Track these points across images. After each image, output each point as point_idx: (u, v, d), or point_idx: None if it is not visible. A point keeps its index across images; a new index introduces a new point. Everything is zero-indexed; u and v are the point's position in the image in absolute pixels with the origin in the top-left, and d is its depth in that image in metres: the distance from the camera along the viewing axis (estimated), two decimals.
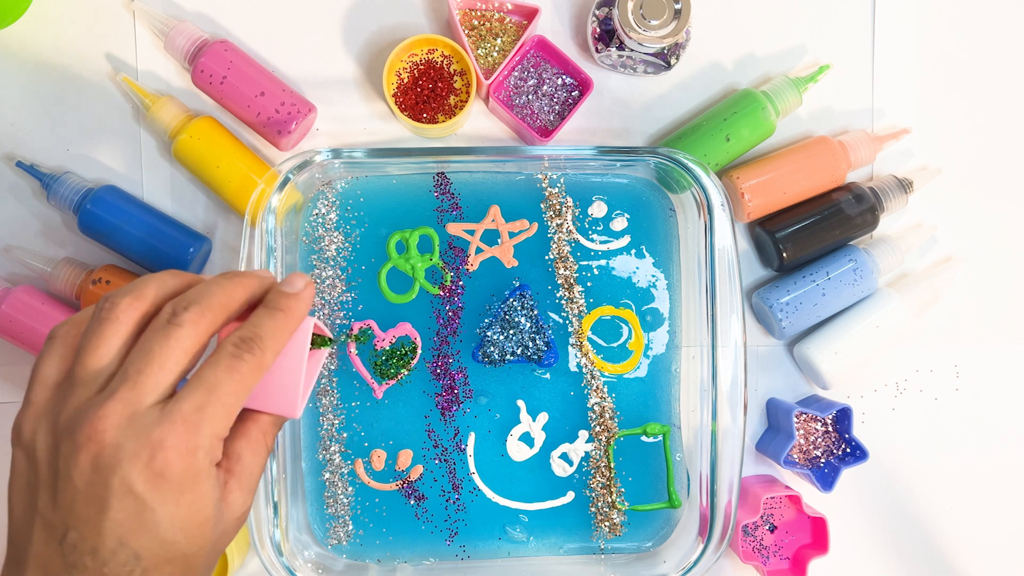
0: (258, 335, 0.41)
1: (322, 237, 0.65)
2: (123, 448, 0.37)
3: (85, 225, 0.64)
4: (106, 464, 0.37)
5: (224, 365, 0.40)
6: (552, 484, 0.66)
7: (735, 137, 0.66)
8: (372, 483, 0.65)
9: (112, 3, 0.67)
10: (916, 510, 0.71)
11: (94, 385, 0.39)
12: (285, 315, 0.42)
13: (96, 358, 0.39)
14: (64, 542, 0.38)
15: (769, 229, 0.67)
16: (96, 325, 0.40)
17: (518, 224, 0.66)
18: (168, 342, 0.39)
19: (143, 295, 0.41)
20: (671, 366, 0.67)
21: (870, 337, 0.67)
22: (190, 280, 0.43)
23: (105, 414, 0.37)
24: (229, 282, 0.42)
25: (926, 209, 0.70)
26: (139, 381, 0.38)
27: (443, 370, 0.65)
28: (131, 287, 0.41)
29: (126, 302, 0.40)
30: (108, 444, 0.37)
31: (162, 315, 0.40)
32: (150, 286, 0.41)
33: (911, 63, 0.71)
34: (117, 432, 0.37)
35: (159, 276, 0.42)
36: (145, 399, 0.38)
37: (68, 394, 0.39)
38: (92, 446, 0.37)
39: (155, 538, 0.38)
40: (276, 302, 0.42)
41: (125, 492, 0.37)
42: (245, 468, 0.42)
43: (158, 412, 0.38)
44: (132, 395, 0.38)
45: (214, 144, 0.64)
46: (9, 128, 0.67)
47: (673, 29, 0.62)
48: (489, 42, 0.66)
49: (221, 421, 0.39)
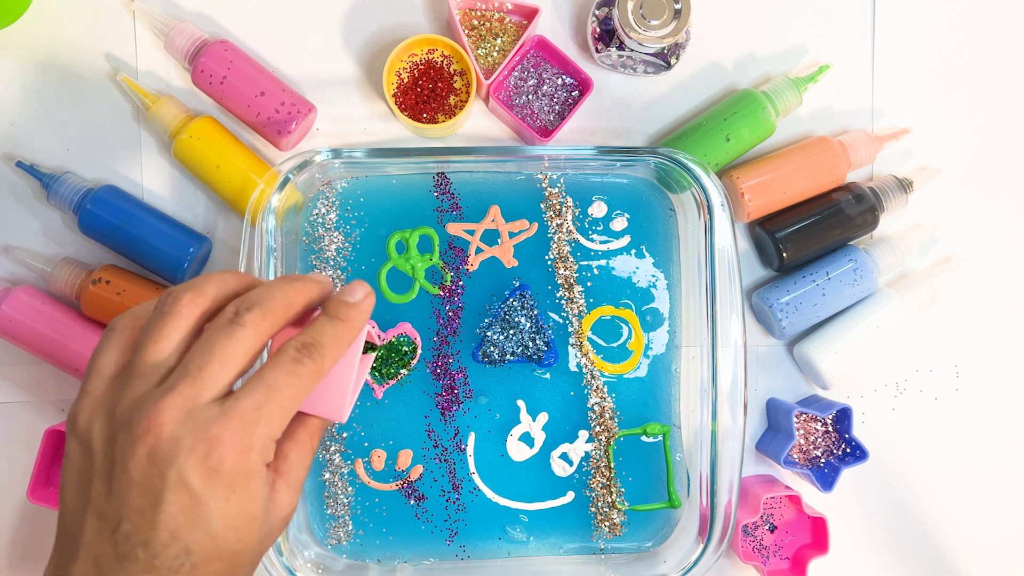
0: (319, 342, 0.41)
1: (322, 237, 0.65)
2: (180, 442, 0.38)
3: (85, 225, 0.64)
4: (163, 457, 0.38)
5: (285, 369, 0.40)
6: (552, 484, 0.66)
7: (735, 137, 0.66)
8: (372, 483, 0.65)
9: (112, 3, 0.67)
10: (916, 510, 0.71)
11: (153, 378, 0.39)
12: (346, 325, 0.43)
13: (156, 351, 0.40)
14: (117, 532, 0.38)
15: (769, 229, 0.67)
16: (157, 319, 0.40)
17: (518, 224, 0.66)
18: (230, 341, 0.40)
19: (204, 292, 0.41)
20: (671, 366, 0.67)
21: (870, 337, 0.67)
22: (250, 281, 0.43)
23: (164, 407, 0.38)
24: (291, 286, 0.42)
25: (926, 209, 0.70)
26: (199, 377, 0.39)
27: (443, 370, 0.65)
28: (193, 283, 0.42)
29: (188, 298, 0.41)
30: (166, 437, 0.38)
31: (225, 314, 0.41)
32: (211, 284, 0.42)
33: (911, 63, 0.71)
34: (175, 426, 0.38)
35: (220, 275, 0.43)
36: (204, 395, 0.39)
37: (126, 386, 0.40)
38: (150, 438, 0.38)
39: (206, 533, 0.38)
40: (337, 311, 0.43)
41: (180, 486, 0.38)
42: (292, 469, 0.42)
43: (216, 409, 0.39)
44: (192, 390, 0.38)
45: (214, 144, 0.64)
46: (9, 128, 0.67)
47: (673, 29, 0.62)
48: (489, 42, 0.66)
49: (277, 422, 0.40)
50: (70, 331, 0.63)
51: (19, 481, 0.67)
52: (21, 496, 0.67)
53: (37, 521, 0.67)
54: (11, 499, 0.67)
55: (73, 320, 0.64)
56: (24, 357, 0.67)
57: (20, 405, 0.67)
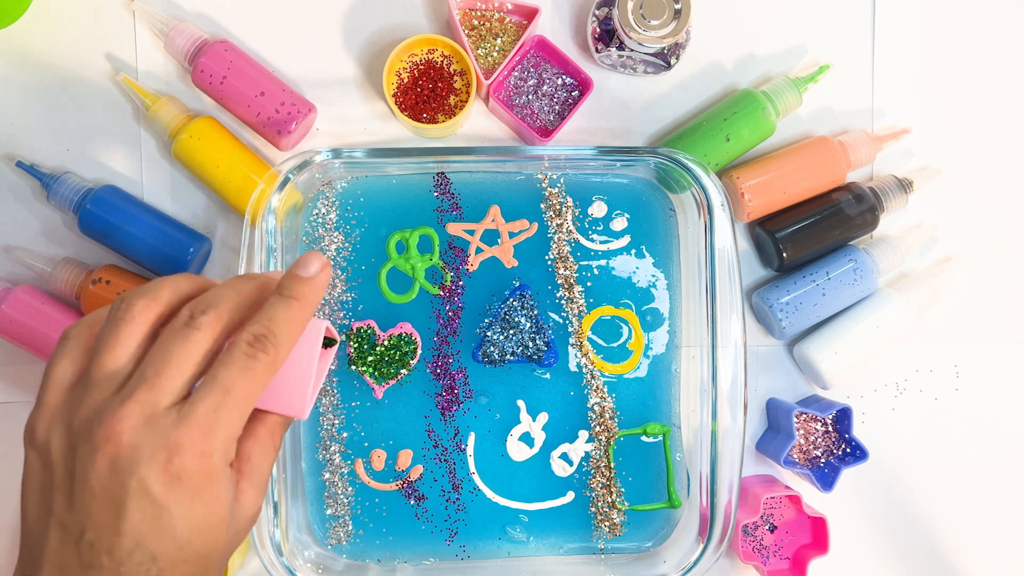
0: (271, 330, 0.40)
1: (322, 237, 0.65)
2: (140, 450, 0.37)
3: (85, 225, 0.64)
4: (123, 466, 0.37)
5: (238, 365, 0.39)
6: (552, 484, 0.66)
7: (735, 137, 0.66)
8: (372, 483, 0.65)
9: (112, 3, 0.67)
10: (916, 510, 0.71)
11: (110, 386, 0.39)
12: (299, 303, 0.41)
13: (112, 359, 0.40)
14: (81, 542, 0.38)
15: (769, 229, 0.67)
16: (112, 326, 0.40)
17: (518, 224, 0.66)
18: (186, 345, 0.39)
19: (158, 297, 0.41)
20: (671, 366, 0.67)
21: (870, 337, 0.67)
22: (203, 284, 0.43)
23: (123, 416, 0.38)
24: (244, 285, 0.42)
25: (926, 209, 0.70)
26: (157, 383, 0.38)
27: (443, 370, 0.65)
28: (146, 289, 0.41)
29: (142, 303, 0.40)
30: (125, 446, 0.37)
31: (180, 317, 0.40)
32: (165, 288, 0.41)
33: (911, 63, 0.71)
34: (135, 434, 0.37)
35: (173, 279, 0.42)
36: (162, 401, 0.38)
37: (83, 395, 0.39)
38: (109, 448, 0.37)
39: (171, 539, 0.38)
40: (290, 288, 0.42)
41: (142, 494, 0.37)
42: (255, 468, 0.42)
43: (175, 414, 0.38)
44: (150, 397, 0.38)
45: (214, 144, 0.64)
46: (9, 128, 0.67)
47: (673, 29, 0.62)
48: (489, 42, 0.66)
49: (236, 422, 0.39)
50: None
51: (19, 481, 0.66)
52: None
53: None
54: (11, 499, 0.67)
55: (73, 320, 0.64)
56: (24, 357, 0.67)
57: (20, 405, 0.67)
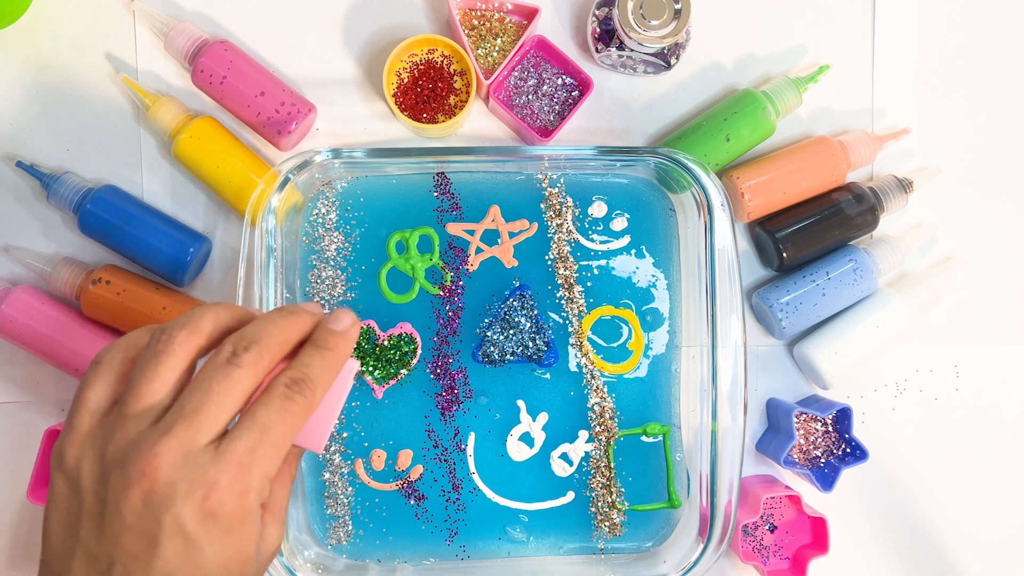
0: (308, 376, 0.41)
1: (322, 237, 0.65)
2: (177, 487, 0.37)
3: (85, 225, 0.64)
4: (159, 501, 0.37)
5: (276, 406, 0.40)
6: (552, 484, 0.66)
7: (735, 137, 0.66)
8: (372, 483, 0.65)
9: (112, 3, 0.67)
10: (916, 510, 0.71)
11: (147, 418, 0.39)
12: (333, 354, 0.42)
13: (150, 391, 0.39)
14: (109, 574, 0.38)
15: (769, 229, 0.67)
16: (152, 357, 0.40)
17: (518, 224, 0.66)
18: (227, 383, 0.39)
19: (199, 329, 0.41)
20: (671, 366, 0.67)
21: (870, 337, 0.67)
22: (244, 315, 0.43)
23: (161, 451, 0.37)
24: (286, 321, 0.42)
25: (926, 209, 0.70)
26: (195, 420, 0.38)
27: (443, 370, 0.65)
28: (187, 320, 0.41)
29: (183, 335, 0.40)
30: (162, 481, 0.37)
31: (222, 352, 0.40)
32: (206, 320, 0.41)
33: (911, 63, 0.71)
34: (172, 470, 0.37)
35: (214, 309, 0.42)
36: (201, 438, 0.38)
37: (118, 425, 0.39)
38: (145, 482, 0.37)
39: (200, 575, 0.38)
40: (325, 340, 0.42)
41: (176, 530, 0.37)
42: (277, 501, 0.42)
43: (212, 451, 0.38)
44: (188, 433, 0.38)
45: (214, 144, 0.64)
46: (9, 128, 0.67)
47: (673, 29, 0.62)
48: (489, 42, 0.66)
49: (272, 462, 0.39)
50: (70, 331, 0.63)
51: (19, 481, 0.67)
52: (21, 496, 0.67)
53: (37, 521, 0.67)
54: (11, 499, 0.67)
55: (73, 320, 0.64)
56: (24, 357, 0.67)
57: (20, 405, 0.67)
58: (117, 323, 0.64)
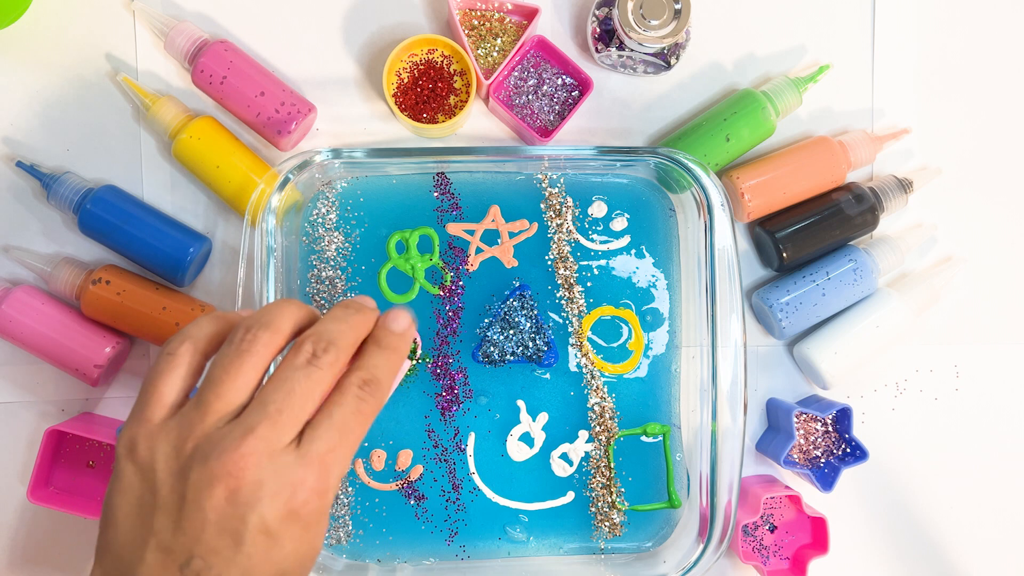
0: (376, 377, 0.42)
1: (322, 237, 0.65)
2: (264, 486, 0.38)
3: (85, 225, 0.64)
4: (244, 500, 0.38)
5: (352, 408, 0.41)
6: (552, 484, 0.66)
7: (735, 137, 0.66)
8: (372, 483, 0.65)
9: (112, 3, 0.67)
10: (916, 510, 0.71)
11: (227, 416, 0.40)
12: (396, 355, 0.44)
13: (233, 389, 0.40)
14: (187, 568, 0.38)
15: (769, 229, 0.67)
16: (235, 356, 0.40)
17: (518, 224, 0.66)
18: (308, 383, 0.40)
19: (280, 330, 0.42)
20: (671, 366, 0.67)
21: (870, 337, 0.67)
22: (313, 313, 0.44)
23: (246, 451, 0.38)
24: (356, 319, 0.43)
25: (926, 209, 0.70)
26: (279, 420, 0.39)
27: (443, 370, 0.65)
28: (268, 320, 0.42)
29: (267, 337, 0.41)
30: (249, 480, 0.38)
31: (302, 353, 0.41)
32: (286, 320, 0.42)
33: (911, 63, 0.71)
34: (258, 470, 0.38)
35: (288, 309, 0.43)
36: (284, 438, 0.39)
37: (196, 420, 0.39)
38: (231, 481, 0.38)
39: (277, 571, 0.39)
40: (388, 341, 0.44)
41: (260, 529, 0.38)
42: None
43: (294, 452, 0.39)
44: (272, 433, 0.39)
45: (214, 144, 0.64)
46: (9, 128, 0.67)
47: (673, 29, 0.62)
48: (489, 42, 0.66)
49: (347, 462, 0.41)
50: (70, 331, 0.63)
51: (19, 481, 0.67)
52: (21, 496, 0.67)
53: (37, 521, 0.67)
54: (11, 499, 0.67)
55: (73, 320, 0.64)
56: (24, 357, 0.67)
57: (20, 405, 0.67)
58: (117, 323, 0.64)
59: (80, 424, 0.64)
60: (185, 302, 0.64)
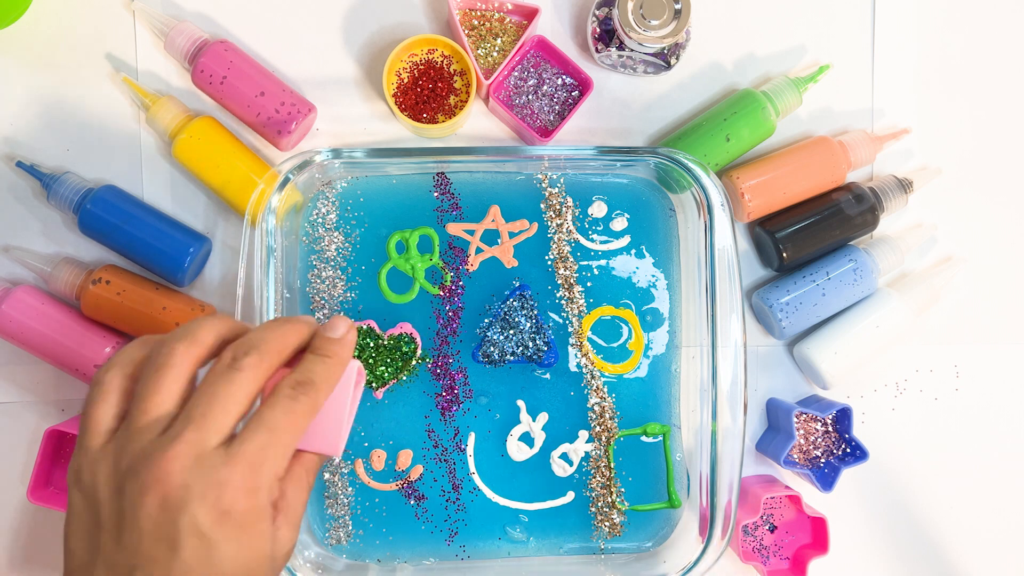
0: (310, 379, 0.43)
1: (322, 237, 0.65)
2: (191, 488, 0.38)
3: (85, 225, 0.64)
4: (174, 504, 0.38)
5: (282, 408, 0.41)
6: (552, 484, 0.66)
7: (735, 137, 0.66)
8: (372, 483, 0.65)
9: (112, 3, 0.67)
10: (916, 510, 0.71)
11: (156, 429, 0.40)
12: (333, 360, 0.44)
13: (156, 404, 0.41)
14: None
15: (769, 229, 0.67)
16: (154, 372, 0.41)
17: (518, 224, 0.66)
18: (231, 387, 0.41)
19: (199, 340, 0.42)
20: (671, 366, 0.67)
21: (870, 337, 0.67)
22: (240, 327, 0.45)
23: (173, 456, 0.38)
24: (282, 328, 0.44)
25: (926, 209, 0.70)
26: (204, 424, 0.39)
27: (443, 370, 0.65)
28: (184, 332, 0.42)
29: (183, 347, 0.42)
30: (176, 485, 0.38)
31: (223, 359, 0.42)
32: (204, 331, 0.43)
33: (911, 63, 0.71)
34: (185, 473, 0.38)
35: (211, 321, 0.43)
36: (210, 440, 0.39)
37: (129, 439, 0.40)
38: (160, 487, 0.38)
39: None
40: (323, 348, 0.44)
41: (192, 532, 0.38)
42: (290, 505, 0.43)
43: (223, 453, 0.39)
44: (198, 436, 0.39)
45: (214, 144, 0.64)
46: (9, 128, 0.67)
47: (673, 29, 0.62)
48: (489, 42, 0.66)
49: (280, 461, 0.41)
50: (70, 331, 0.63)
51: (19, 481, 0.67)
52: (21, 496, 0.67)
53: (37, 521, 0.67)
54: (11, 499, 0.67)
55: (73, 320, 0.64)
56: (24, 357, 0.67)
57: (20, 405, 0.67)
58: (117, 323, 0.64)
59: None
60: (185, 302, 0.64)
